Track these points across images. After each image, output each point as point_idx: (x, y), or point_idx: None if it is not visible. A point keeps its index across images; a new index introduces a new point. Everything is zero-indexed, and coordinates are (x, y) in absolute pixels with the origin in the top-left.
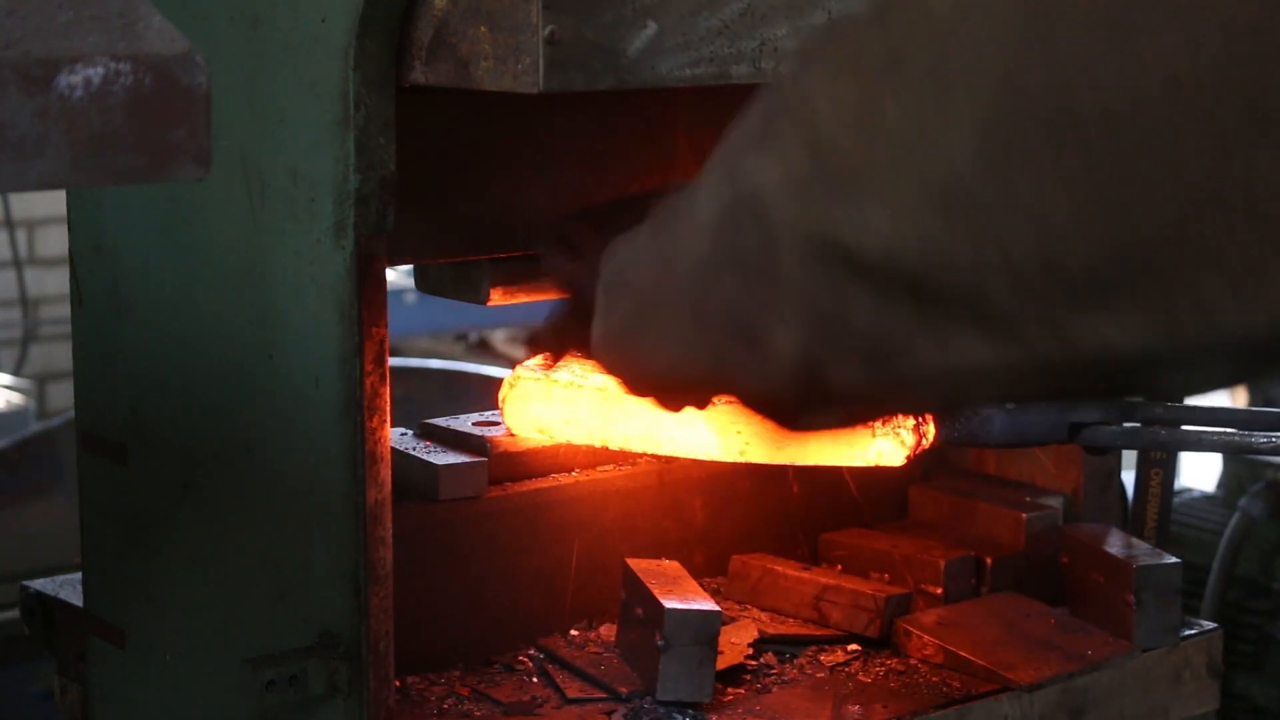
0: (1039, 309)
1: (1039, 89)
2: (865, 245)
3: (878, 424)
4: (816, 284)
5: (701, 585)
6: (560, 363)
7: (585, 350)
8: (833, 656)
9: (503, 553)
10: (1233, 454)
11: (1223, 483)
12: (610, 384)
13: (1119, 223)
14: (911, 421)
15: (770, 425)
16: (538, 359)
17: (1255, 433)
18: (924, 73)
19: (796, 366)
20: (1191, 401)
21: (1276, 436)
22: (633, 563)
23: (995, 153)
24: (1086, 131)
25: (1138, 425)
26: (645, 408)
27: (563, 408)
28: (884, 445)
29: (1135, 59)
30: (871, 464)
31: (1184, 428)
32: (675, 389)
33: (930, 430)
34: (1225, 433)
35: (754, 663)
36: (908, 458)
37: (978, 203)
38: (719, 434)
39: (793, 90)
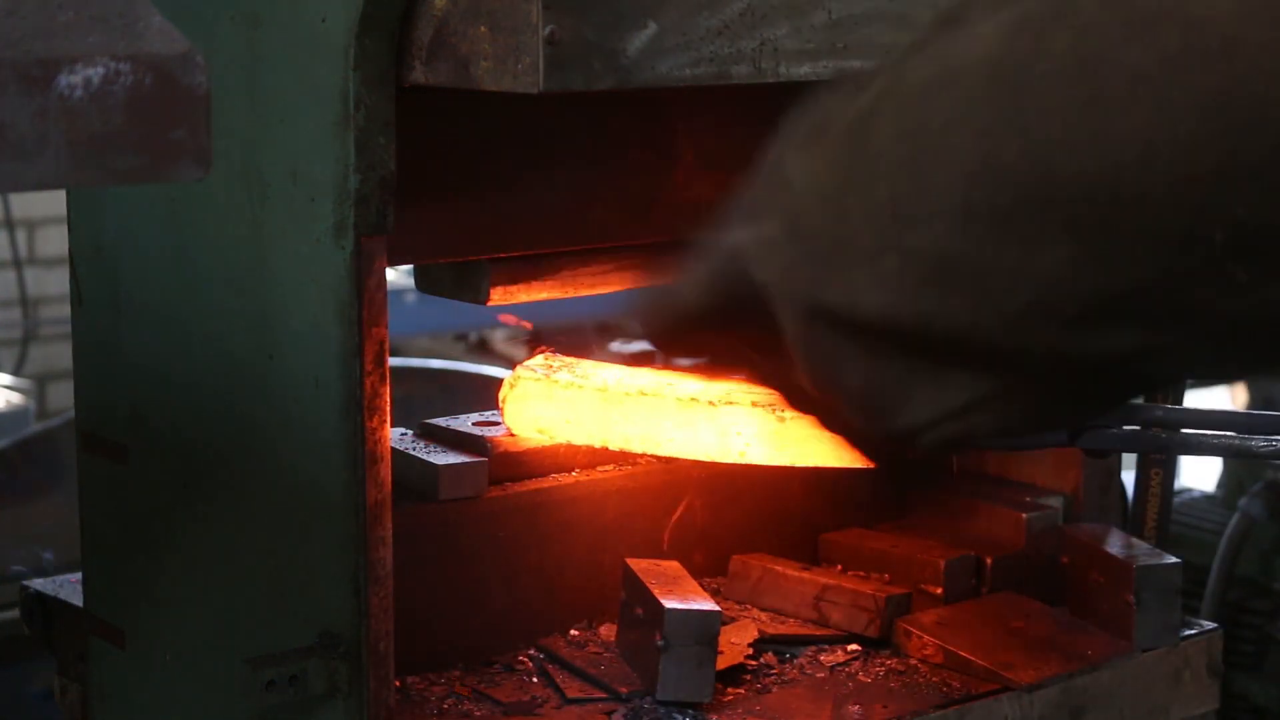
0: (1036, 341)
1: (1016, 163)
2: (856, 312)
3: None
4: (806, 343)
5: (701, 585)
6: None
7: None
8: (833, 656)
9: (503, 553)
10: (1233, 458)
11: (1223, 483)
12: (609, 384)
13: (1107, 271)
14: None
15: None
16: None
17: (1256, 436)
18: (891, 148)
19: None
20: (1192, 403)
21: (1278, 441)
22: (633, 563)
23: (978, 227)
24: (1067, 199)
25: (1138, 429)
26: (645, 409)
27: (563, 408)
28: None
29: (1110, 131)
30: (871, 465)
31: (1185, 431)
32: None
33: None
34: (1226, 437)
35: (754, 663)
36: (908, 459)
37: (966, 272)
38: (719, 435)
39: (771, 167)
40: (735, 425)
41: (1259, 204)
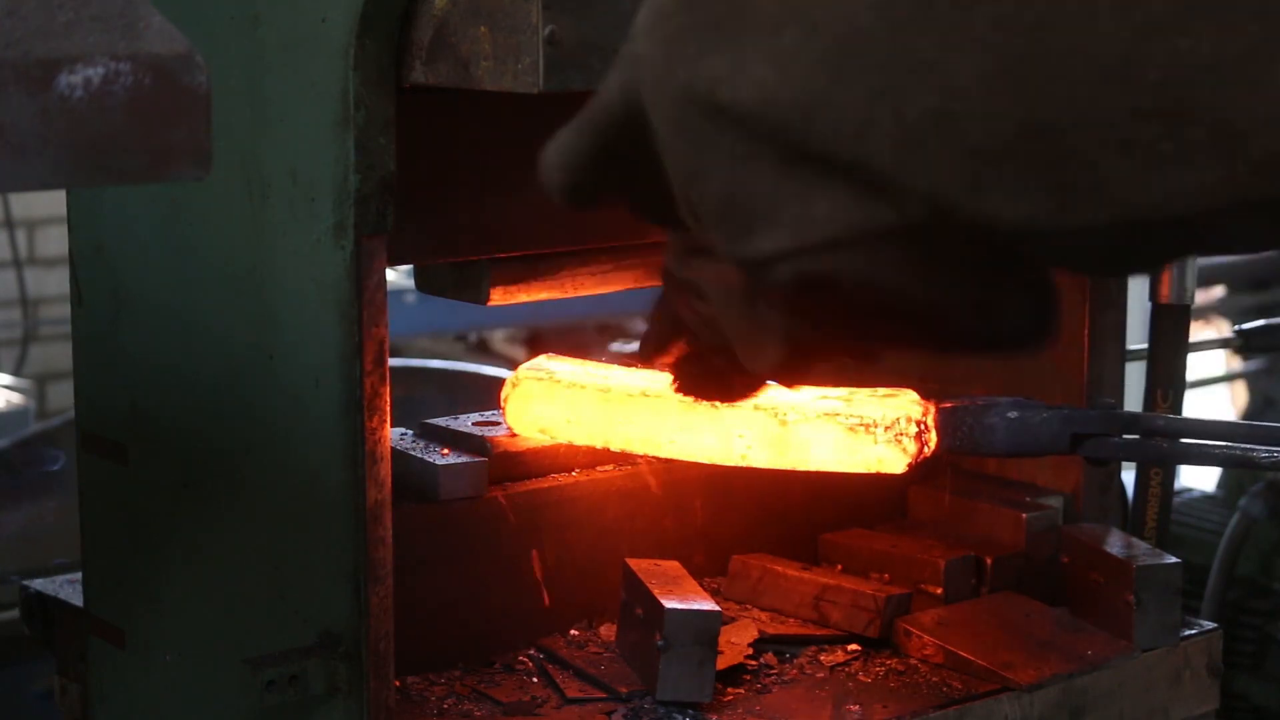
0: (923, 170)
1: None
2: (737, 97)
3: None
4: (677, 133)
5: (701, 585)
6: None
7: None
8: (833, 656)
9: (503, 553)
10: (1234, 468)
11: (1223, 483)
12: (612, 384)
13: (1024, 93)
14: (914, 429)
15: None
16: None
17: (1257, 447)
18: None
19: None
20: (1190, 413)
21: (1278, 451)
22: (633, 563)
23: (900, 9)
24: None
25: (1138, 438)
26: (648, 410)
27: (565, 408)
28: (885, 452)
29: None
30: (873, 470)
31: (1185, 441)
32: None
33: (932, 438)
34: (1227, 447)
35: (754, 663)
36: (909, 465)
37: (874, 58)
38: (720, 437)
39: None
40: (737, 428)
41: (1203, 37)
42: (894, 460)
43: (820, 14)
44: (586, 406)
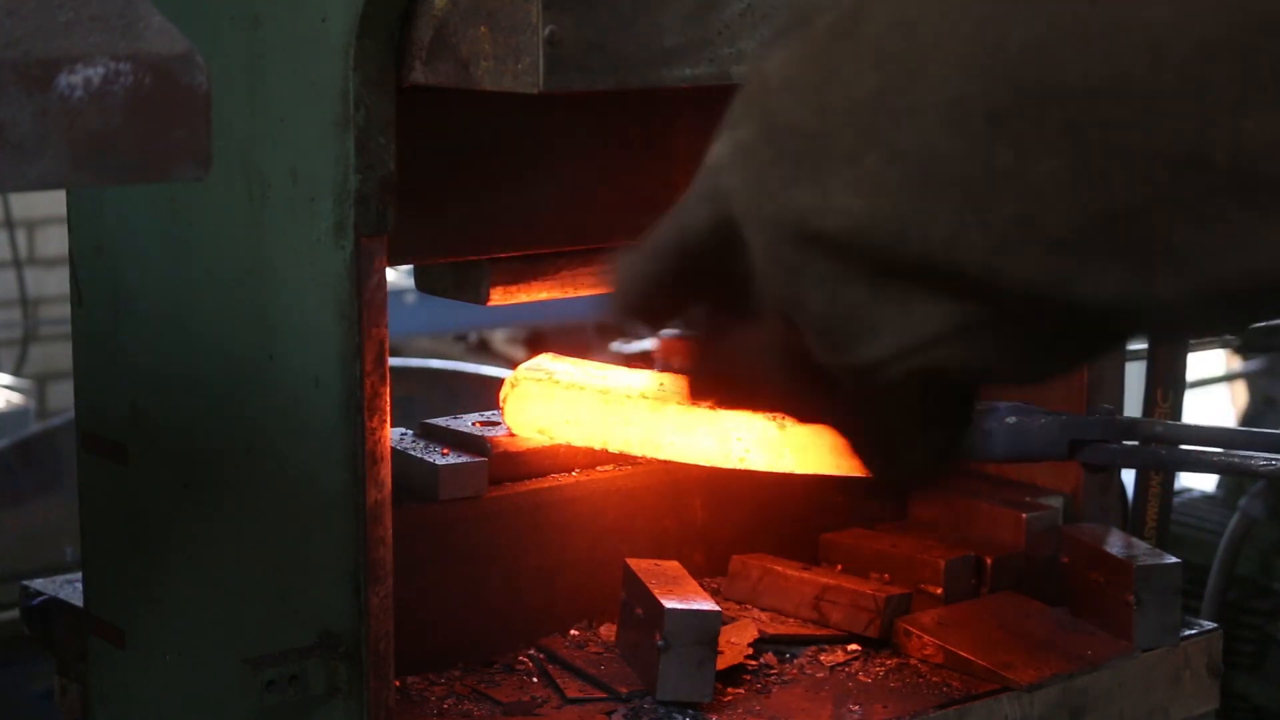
0: (1012, 269)
1: (1016, 57)
2: (826, 219)
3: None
4: (771, 260)
5: (701, 585)
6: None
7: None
8: (833, 656)
9: (503, 553)
10: (1232, 475)
11: (1223, 483)
12: (610, 386)
13: (1101, 186)
14: None
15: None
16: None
17: (1255, 454)
18: (884, 36)
19: (779, 335)
20: (1190, 414)
21: (1277, 459)
22: (633, 563)
23: (972, 126)
24: (1068, 102)
25: (1136, 444)
26: (646, 412)
27: (563, 409)
28: None
29: (1121, 26)
30: (870, 473)
31: (1183, 447)
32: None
33: None
34: (1225, 454)
35: (754, 663)
36: None
37: (954, 174)
38: (719, 440)
39: (750, 71)
40: (736, 431)
41: (1269, 117)
42: None
43: (897, 138)
44: (585, 408)
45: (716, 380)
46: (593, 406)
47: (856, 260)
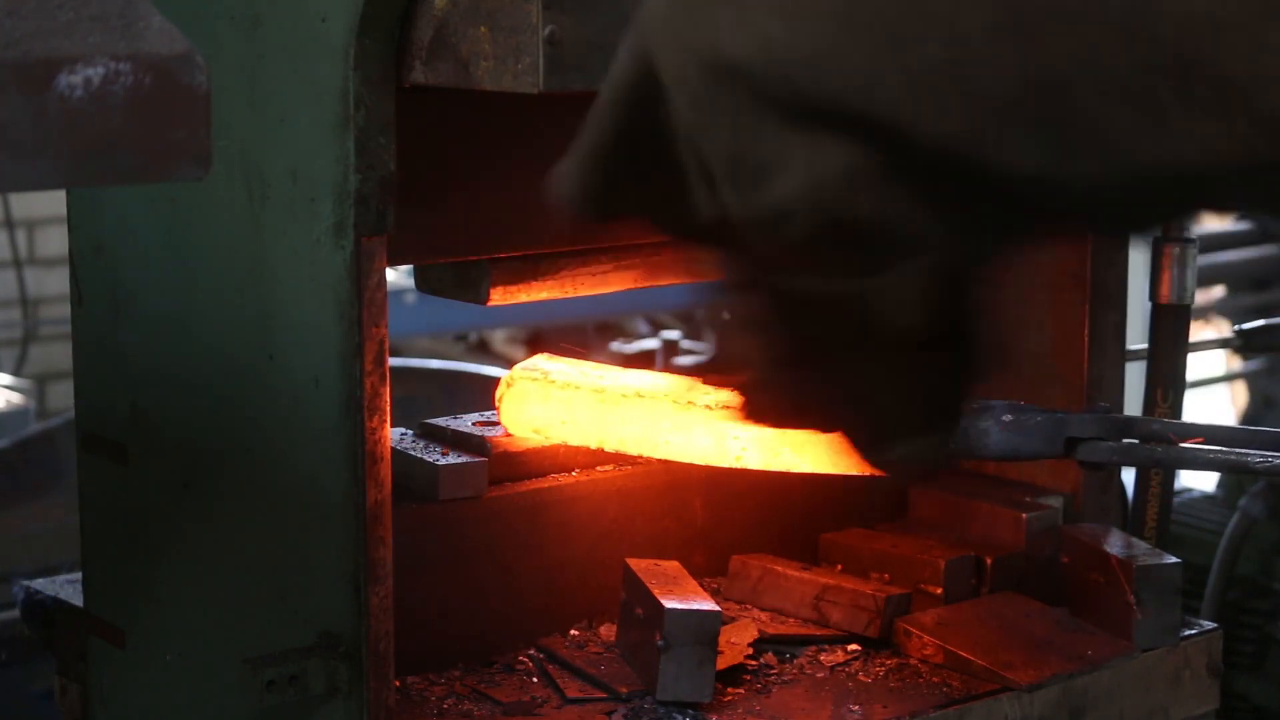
0: (931, 121)
1: None
2: (742, 53)
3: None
4: (686, 97)
5: (701, 585)
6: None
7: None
8: (833, 656)
9: (503, 553)
10: (1229, 473)
11: (1223, 483)
12: (606, 385)
13: (1032, 46)
14: None
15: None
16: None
17: (1252, 452)
18: None
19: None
20: (1190, 413)
21: (1273, 456)
22: (633, 563)
23: None
24: None
25: (1133, 442)
26: (642, 411)
27: (559, 408)
28: None
29: None
30: (866, 473)
31: (1179, 445)
32: None
33: None
34: (1221, 451)
35: (754, 663)
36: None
37: (882, 12)
38: (715, 440)
39: None
40: (732, 430)
41: (1216, 4)
42: None
43: None
44: (581, 407)
45: (773, 401)
46: (588, 406)
47: (768, 95)
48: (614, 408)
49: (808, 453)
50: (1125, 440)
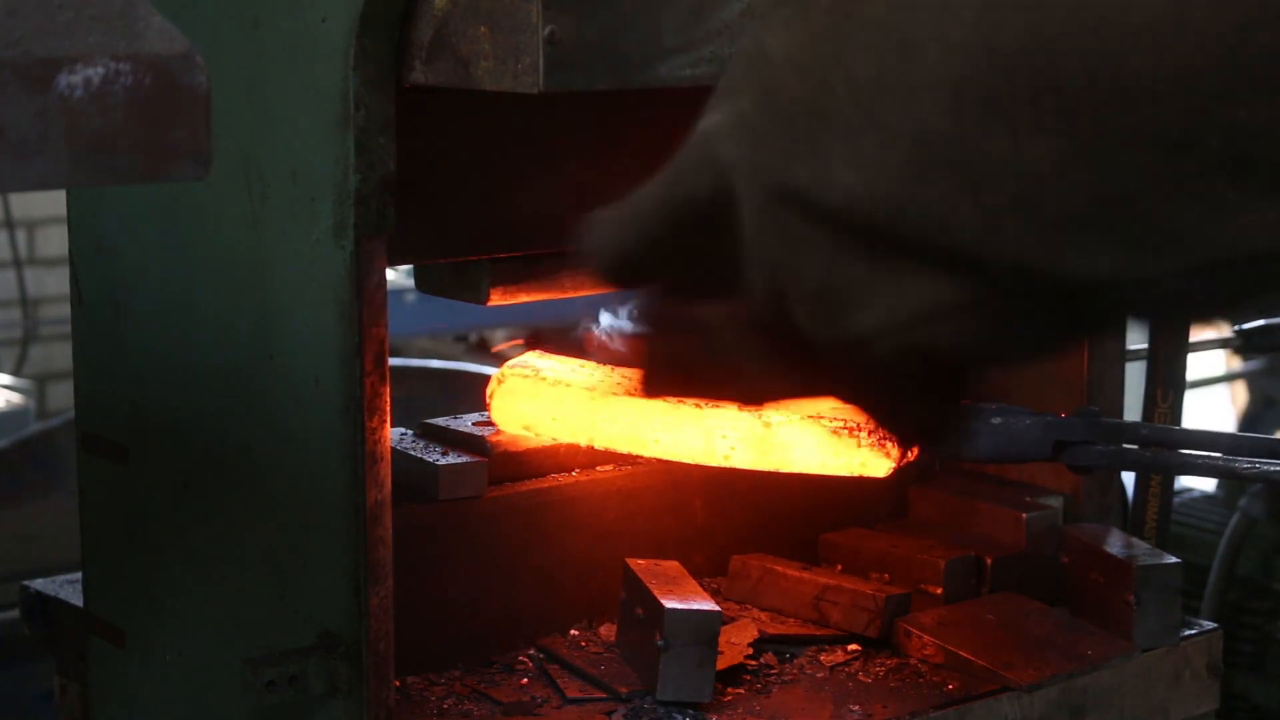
0: (1007, 248)
1: (1014, 44)
2: (825, 194)
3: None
4: (767, 230)
5: (701, 585)
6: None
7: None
8: (833, 656)
9: (503, 553)
10: (1217, 479)
11: (1223, 483)
12: (596, 383)
13: (1095, 171)
14: None
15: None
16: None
17: (1240, 458)
18: (885, 19)
19: (763, 306)
20: (1190, 413)
21: (1261, 462)
22: (633, 563)
23: (970, 111)
24: (1065, 89)
25: (1121, 446)
26: (631, 407)
27: (549, 406)
28: (868, 456)
29: (1118, 13)
30: (856, 474)
31: (1169, 451)
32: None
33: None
34: (1209, 457)
35: (754, 663)
36: (892, 470)
37: (951, 157)
38: (704, 438)
39: (748, 44)
40: (721, 428)
41: (1260, 106)
42: (877, 464)
43: (896, 120)
44: (571, 405)
45: (673, 371)
46: (578, 403)
47: (853, 233)
48: (604, 405)
49: (797, 453)
50: (1129, 446)
